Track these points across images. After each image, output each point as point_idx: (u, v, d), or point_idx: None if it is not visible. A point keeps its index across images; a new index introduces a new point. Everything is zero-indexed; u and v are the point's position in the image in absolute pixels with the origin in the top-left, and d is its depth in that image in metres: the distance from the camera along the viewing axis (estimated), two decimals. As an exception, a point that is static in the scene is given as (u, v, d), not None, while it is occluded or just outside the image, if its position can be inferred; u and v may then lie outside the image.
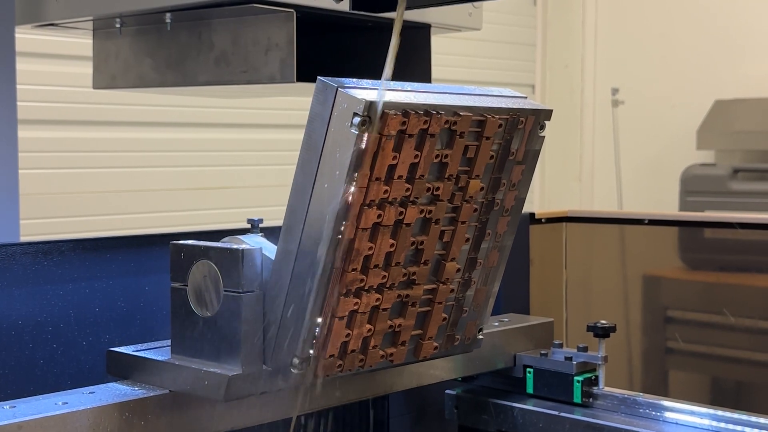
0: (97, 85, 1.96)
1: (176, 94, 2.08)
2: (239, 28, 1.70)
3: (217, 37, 1.73)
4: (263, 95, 3.03)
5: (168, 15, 1.75)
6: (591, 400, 1.65)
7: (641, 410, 1.60)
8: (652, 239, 2.99)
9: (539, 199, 6.50)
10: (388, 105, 1.13)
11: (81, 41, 2.09)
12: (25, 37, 2.80)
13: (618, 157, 6.11)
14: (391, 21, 1.74)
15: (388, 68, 1.13)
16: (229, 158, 4.84)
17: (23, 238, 2.06)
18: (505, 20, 6.31)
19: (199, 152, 4.73)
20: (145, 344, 1.35)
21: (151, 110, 4.48)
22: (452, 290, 1.33)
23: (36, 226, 3.96)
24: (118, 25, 1.86)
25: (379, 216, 1.18)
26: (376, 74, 1.16)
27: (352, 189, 1.13)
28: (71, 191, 4.28)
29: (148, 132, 4.54)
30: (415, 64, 1.88)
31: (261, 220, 1.36)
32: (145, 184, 4.53)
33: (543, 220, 2.71)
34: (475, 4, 1.91)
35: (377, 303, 1.23)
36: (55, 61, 4.17)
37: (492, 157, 1.29)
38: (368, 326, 1.24)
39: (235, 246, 1.24)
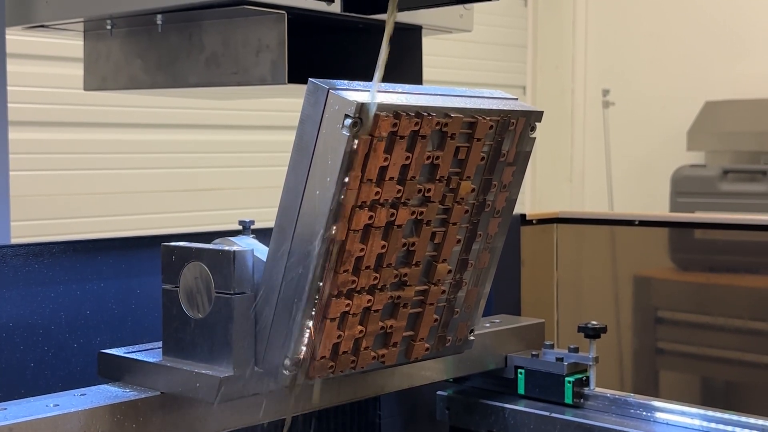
0: (87, 87, 1.96)
1: (167, 95, 2.08)
2: (230, 29, 1.70)
3: (207, 39, 1.73)
4: (254, 97, 3.03)
5: (159, 16, 1.75)
6: (582, 400, 1.66)
7: (632, 411, 1.61)
8: (642, 240, 3.00)
9: (530, 201, 6.51)
10: (379, 107, 1.13)
11: (71, 43, 2.08)
12: (16, 38, 2.79)
13: (609, 158, 6.12)
14: (383, 23, 1.75)
15: (379, 70, 1.14)
16: (219, 160, 4.83)
17: (14, 241, 2.06)
18: (495, 21, 6.32)
19: (189, 154, 4.73)
20: (137, 346, 1.35)
21: (142, 112, 4.47)
22: (443, 291, 1.33)
23: (27, 228, 3.95)
24: (108, 27, 1.85)
25: (370, 217, 1.18)
26: (368, 76, 1.17)
27: (344, 190, 1.14)
28: (62, 193, 4.27)
29: (138, 134, 4.53)
30: (406, 66, 1.88)
31: (252, 222, 1.37)
32: (136, 185, 4.52)
33: (534, 222, 2.72)
34: (466, 5, 1.92)
35: (369, 304, 1.23)
36: (46, 63, 4.15)
37: (483, 158, 1.29)
38: (360, 327, 1.24)
39: (226, 247, 1.24)
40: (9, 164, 2.12)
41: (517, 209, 1.51)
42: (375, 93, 1.13)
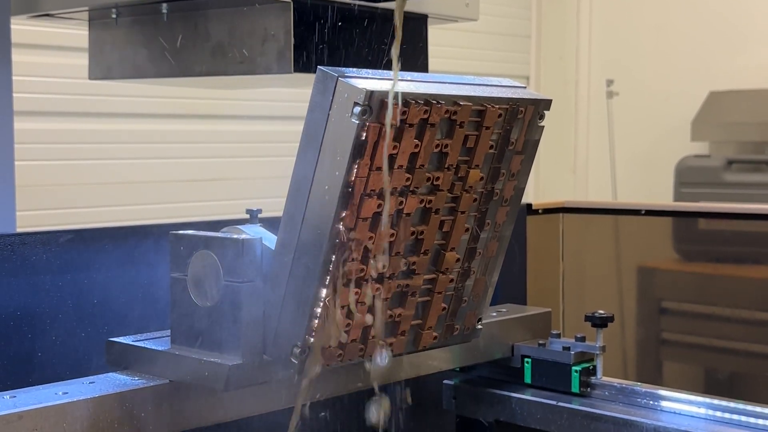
0: (92, 76, 1.96)
1: (172, 85, 2.07)
2: (236, 18, 1.69)
3: (213, 28, 1.73)
4: (260, 86, 3.02)
5: (164, 5, 1.75)
6: (589, 389, 1.66)
7: (639, 400, 1.60)
8: (646, 230, 2.99)
9: (534, 191, 6.50)
10: (388, 95, 1.13)
11: (77, 32, 2.08)
12: (21, 27, 2.79)
13: (612, 148, 6.11)
14: (389, 11, 1.74)
15: (395, 58, 1.13)
16: (226, 150, 4.83)
17: (20, 230, 2.06)
18: (499, 11, 6.31)
19: (196, 143, 4.73)
20: (145, 334, 1.34)
21: (148, 101, 4.47)
22: (452, 280, 1.33)
23: (32, 218, 3.95)
24: (114, 16, 1.85)
25: (379, 206, 1.18)
26: (374, 65, 1.16)
27: (353, 179, 1.13)
28: (67, 183, 4.27)
29: (144, 123, 4.53)
30: (412, 55, 1.88)
31: (260, 211, 1.36)
32: (142, 175, 4.52)
33: (540, 211, 2.72)
34: (473, -7, 1.91)
35: (377, 293, 1.23)
36: (51, 52, 4.15)
37: (491, 146, 1.29)
38: (368, 316, 1.24)
39: (235, 236, 1.24)
40: (14, 154, 2.12)
41: (522, 199, 1.50)
42: (396, 82, 1.12)
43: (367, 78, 1.14)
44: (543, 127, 1.36)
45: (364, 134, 1.12)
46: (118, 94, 4.30)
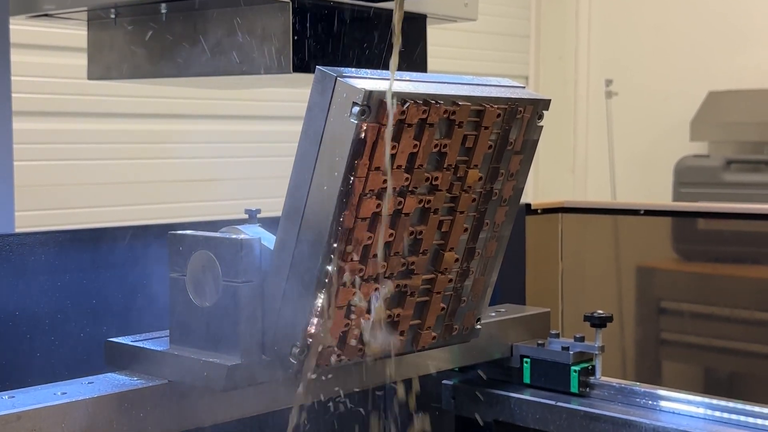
0: (91, 76, 1.95)
1: (171, 85, 2.07)
2: (235, 18, 1.69)
3: (212, 28, 1.73)
4: (259, 86, 3.02)
5: (163, 5, 1.75)
6: (588, 389, 1.66)
7: (638, 400, 1.61)
8: (645, 230, 3.00)
9: (533, 191, 6.50)
10: (387, 95, 1.13)
11: (75, 32, 2.08)
12: (20, 28, 2.79)
13: (611, 148, 6.11)
14: (389, 11, 1.74)
15: (394, 58, 1.13)
16: (225, 150, 4.83)
17: (18, 230, 2.06)
18: (498, 11, 6.31)
19: (196, 143, 4.72)
20: (144, 334, 1.34)
21: (147, 101, 4.47)
22: (450, 280, 1.33)
23: (31, 218, 3.95)
24: (112, 16, 1.85)
25: (377, 206, 1.18)
26: (373, 65, 1.16)
27: (351, 178, 1.13)
28: (67, 183, 4.27)
29: (143, 123, 4.53)
30: (411, 55, 1.88)
31: (258, 211, 1.36)
32: (140, 175, 4.52)
33: (539, 211, 2.72)
34: (472, -7, 1.91)
35: (376, 293, 1.23)
36: (50, 52, 4.15)
37: (490, 146, 1.29)
38: (367, 316, 1.24)
39: (234, 236, 1.24)
40: (13, 154, 2.11)
41: (521, 199, 1.50)
42: (392, 81, 1.12)
43: (365, 78, 1.14)
44: (542, 127, 1.36)
45: (363, 134, 1.12)
46: (117, 94, 4.30)
